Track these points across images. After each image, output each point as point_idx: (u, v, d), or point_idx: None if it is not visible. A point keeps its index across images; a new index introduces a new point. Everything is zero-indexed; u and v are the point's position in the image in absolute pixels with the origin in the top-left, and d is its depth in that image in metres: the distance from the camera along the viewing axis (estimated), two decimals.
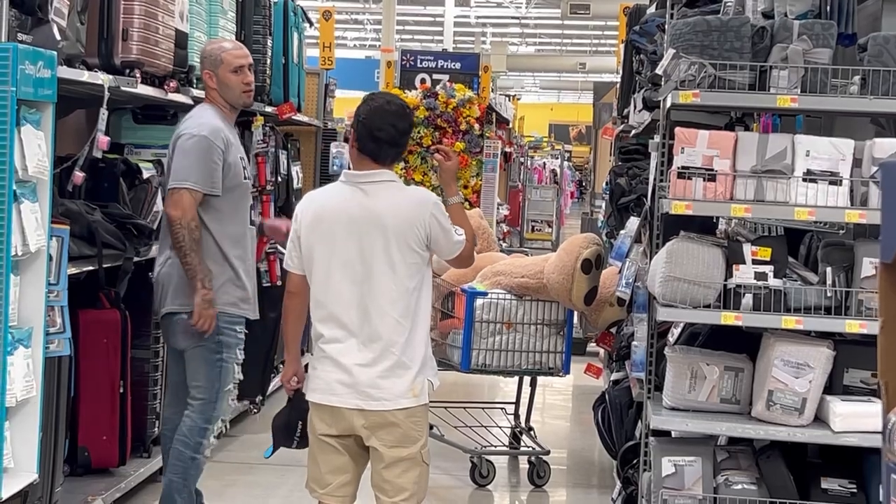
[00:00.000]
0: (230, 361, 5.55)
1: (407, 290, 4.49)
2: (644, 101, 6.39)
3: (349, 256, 4.52)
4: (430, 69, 12.32)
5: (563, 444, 8.57)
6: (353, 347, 4.52)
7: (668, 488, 4.84)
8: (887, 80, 4.72)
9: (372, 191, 4.57)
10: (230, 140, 5.50)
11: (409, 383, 4.49)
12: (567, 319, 7.06)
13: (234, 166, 5.49)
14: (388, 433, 4.49)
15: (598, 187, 16.38)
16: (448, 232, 4.55)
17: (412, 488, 4.51)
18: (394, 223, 4.49)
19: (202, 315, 5.38)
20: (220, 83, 5.55)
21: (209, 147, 5.40)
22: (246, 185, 5.65)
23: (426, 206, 4.52)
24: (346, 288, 4.54)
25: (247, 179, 5.65)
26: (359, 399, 4.50)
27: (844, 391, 4.86)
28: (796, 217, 4.77)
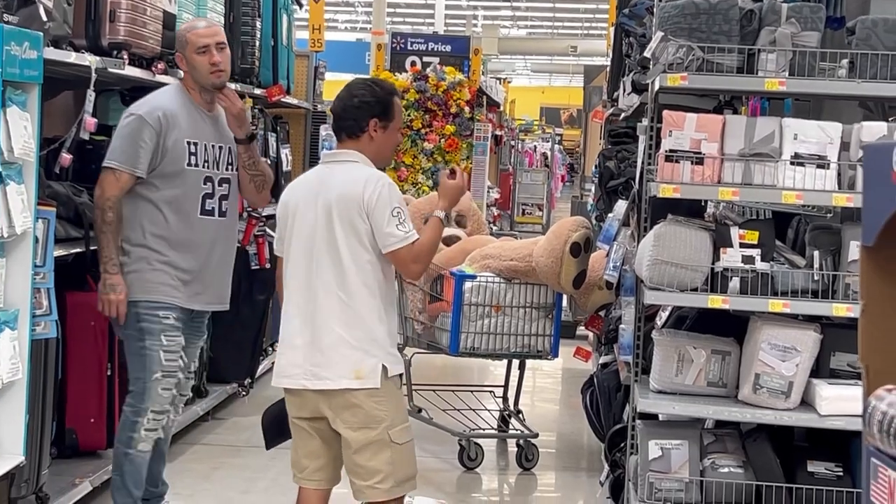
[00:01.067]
0: (154, 349, 5.25)
1: (354, 268, 4.44)
2: (633, 85, 6.38)
3: (304, 234, 4.53)
4: (420, 52, 12.29)
5: (552, 427, 8.58)
6: (300, 326, 4.50)
7: (654, 471, 4.85)
8: (875, 63, 4.72)
9: (333, 169, 4.59)
10: (176, 122, 5.24)
11: (354, 364, 4.43)
12: (556, 302, 7.05)
13: (172, 150, 5.21)
14: (351, 415, 4.45)
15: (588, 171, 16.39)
16: (384, 219, 4.42)
17: (386, 469, 4.45)
18: (338, 199, 4.47)
19: (102, 301, 5.18)
20: (188, 65, 5.36)
21: (140, 127, 5.19)
22: (192, 171, 5.29)
23: (370, 183, 4.45)
24: (300, 265, 4.53)
25: (197, 167, 5.30)
26: (304, 378, 4.49)
27: (831, 374, 4.87)
28: (784, 200, 4.77)
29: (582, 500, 7.01)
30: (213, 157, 5.36)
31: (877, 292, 1.91)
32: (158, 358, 5.24)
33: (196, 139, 5.27)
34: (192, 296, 5.35)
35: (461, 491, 6.97)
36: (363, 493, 4.52)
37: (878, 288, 1.91)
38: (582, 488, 7.13)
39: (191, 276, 5.31)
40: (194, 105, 5.35)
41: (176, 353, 5.30)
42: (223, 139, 5.42)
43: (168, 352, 5.27)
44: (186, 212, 5.27)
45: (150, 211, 5.25)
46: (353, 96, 4.61)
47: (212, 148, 5.35)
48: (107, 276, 5.15)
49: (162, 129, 5.17)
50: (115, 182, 5.16)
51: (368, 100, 4.59)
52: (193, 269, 5.32)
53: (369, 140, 4.58)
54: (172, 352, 5.28)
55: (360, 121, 4.57)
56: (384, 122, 4.59)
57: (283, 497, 6.54)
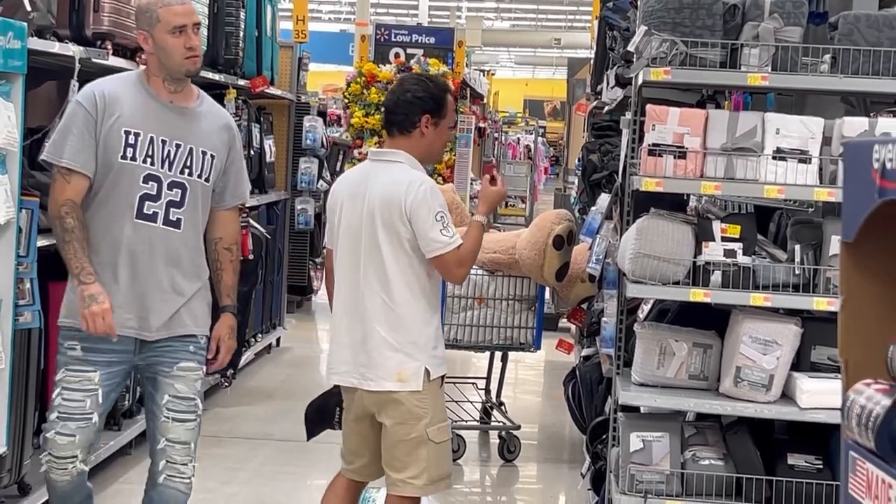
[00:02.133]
0: (58, 384, 4.39)
1: (397, 270, 4.48)
2: (617, 78, 6.39)
3: (350, 233, 4.58)
4: (404, 44, 12.27)
5: (535, 419, 8.60)
6: (348, 325, 4.57)
7: (635, 463, 4.87)
8: (857, 58, 4.74)
9: (379, 169, 4.61)
10: (116, 106, 4.37)
11: (396, 366, 4.48)
12: (538, 295, 7.08)
13: (105, 138, 4.36)
14: (394, 409, 4.51)
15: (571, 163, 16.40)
16: (428, 224, 4.44)
17: (421, 465, 4.50)
18: (381, 202, 4.50)
19: (86, 317, 4.29)
20: (156, 46, 4.44)
21: (75, 111, 4.39)
22: (128, 167, 4.38)
23: (412, 187, 4.47)
24: (347, 263, 4.59)
25: (134, 161, 4.38)
26: (352, 377, 4.56)
27: (812, 368, 4.89)
28: (766, 195, 4.79)
29: (563, 492, 7.04)
30: (162, 154, 4.41)
31: (856, 287, 1.93)
32: (53, 398, 4.37)
33: (138, 129, 4.38)
34: (121, 319, 4.37)
35: None
36: (396, 486, 4.56)
37: (858, 283, 1.93)
38: (563, 480, 7.16)
39: (115, 294, 4.36)
40: (149, 93, 4.46)
41: (80, 391, 4.35)
42: (188, 138, 4.47)
43: (68, 390, 4.35)
44: (116, 215, 4.38)
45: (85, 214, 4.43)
46: (405, 91, 4.63)
47: (162, 144, 4.41)
48: (83, 288, 4.29)
49: (97, 112, 4.35)
50: (62, 183, 4.35)
51: (421, 95, 4.61)
52: (119, 286, 4.39)
53: (420, 136, 4.59)
54: (74, 390, 4.35)
55: (411, 116, 4.59)
56: (436, 118, 4.62)
57: (264, 487, 6.56)
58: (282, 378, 9.43)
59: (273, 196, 9.95)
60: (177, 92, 4.50)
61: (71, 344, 4.37)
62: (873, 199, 1.78)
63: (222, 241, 4.65)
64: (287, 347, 10.67)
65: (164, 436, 4.45)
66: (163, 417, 4.45)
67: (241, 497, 6.39)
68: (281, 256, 10.52)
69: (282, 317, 10.74)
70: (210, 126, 4.54)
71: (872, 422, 1.77)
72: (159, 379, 4.47)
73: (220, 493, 6.40)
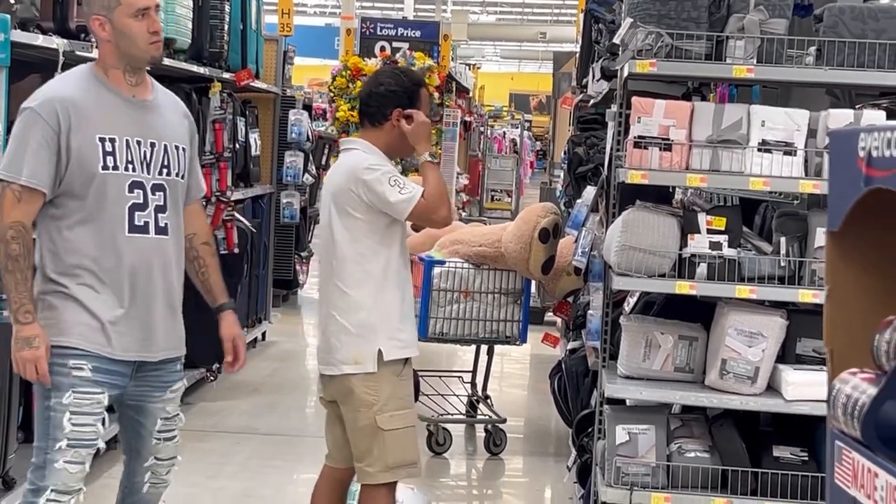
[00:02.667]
0: (59, 410, 3.92)
1: (351, 255, 4.52)
2: (602, 71, 6.39)
3: (321, 225, 4.73)
4: (390, 37, 12.24)
5: (521, 412, 8.61)
6: (319, 315, 4.69)
7: (621, 456, 4.87)
8: (842, 50, 4.75)
9: (339, 158, 4.78)
10: (82, 114, 3.94)
11: (352, 350, 4.51)
12: (524, 288, 7.07)
13: (79, 152, 3.92)
14: (348, 398, 4.56)
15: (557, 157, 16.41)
16: (385, 192, 4.47)
17: (374, 453, 4.53)
18: (332, 189, 4.60)
19: (16, 360, 3.90)
20: (116, 33, 4.00)
21: (32, 123, 3.91)
22: (112, 177, 3.96)
23: (354, 171, 4.53)
24: (321, 255, 4.71)
25: (117, 170, 3.97)
26: (321, 364, 4.66)
27: (797, 360, 4.90)
28: (751, 187, 4.79)
29: (549, 485, 7.04)
30: (139, 156, 4.02)
31: (842, 277, 1.93)
32: (61, 422, 3.92)
33: (112, 134, 3.97)
34: (125, 341, 4.01)
35: (429, 476, 6.98)
36: (359, 475, 4.63)
37: (843, 273, 1.93)
38: (549, 473, 7.16)
39: (119, 316, 3.99)
40: (109, 90, 4.03)
41: (91, 415, 3.95)
42: (160, 134, 4.09)
43: (78, 414, 3.93)
44: (108, 231, 3.97)
45: (57, 234, 3.99)
46: (379, 84, 4.67)
47: (137, 145, 4.01)
48: (19, 329, 3.88)
49: (59, 124, 3.90)
50: (11, 200, 3.88)
51: (394, 89, 4.62)
52: (123, 306, 4.01)
53: (391, 129, 4.61)
54: (84, 414, 3.94)
55: (383, 109, 4.61)
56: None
57: (250, 481, 6.55)
58: (267, 372, 9.42)
59: (258, 190, 9.93)
60: (137, 84, 4.08)
61: (78, 363, 3.93)
62: (859, 188, 1.78)
63: (198, 237, 4.32)
64: (273, 341, 10.66)
65: (155, 455, 4.20)
66: (153, 441, 4.17)
67: (227, 491, 6.38)
68: (266, 250, 10.50)
69: (267, 311, 10.72)
70: (173, 117, 4.19)
71: (858, 411, 1.77)
72: (148, 405, 4.13)
73: (205, 488, 6.38)
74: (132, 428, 4.22)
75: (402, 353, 4.56)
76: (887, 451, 1.71)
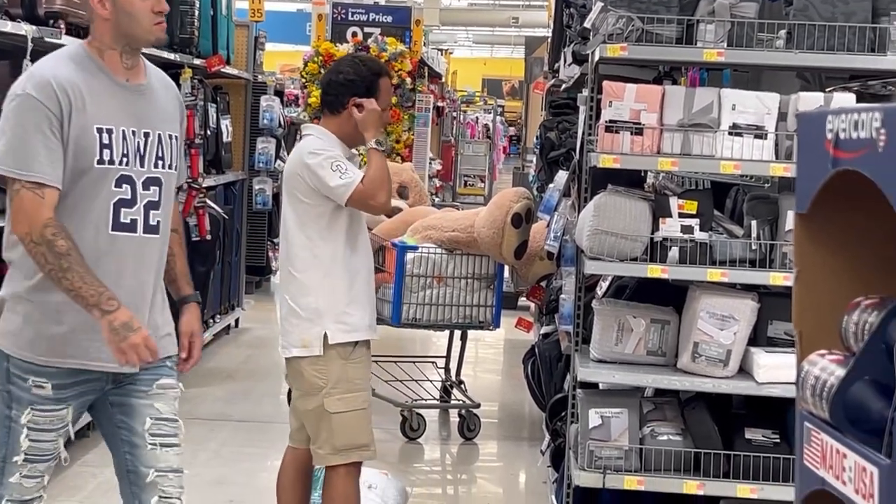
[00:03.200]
0: (18, 425, 3.63)
1: (300, 240, 4.59)
2: (574, 55, 6.39)
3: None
4: (361, 23, 12.20)
5: (495, 397, 8.62)
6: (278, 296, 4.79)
7: (594, 439, 4.88)
8: (812, 34, 4.76)
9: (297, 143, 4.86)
10: (81, 99, 3.56)
11: (301, 333, 4.60)
12: (497, 273, 7.08)
13: (77, 142, 3.55)
14: (299, 381, 4.68)
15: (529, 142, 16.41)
16: (322, 178, 4.52)
17: (323, 435, 4.61)
18: (286, 174, 4.70)
19: (124, 349, 3.52)
20: (118, 11, 3.61)
21: (28, 111, 3.52)
22: (103, 171, 3.59)
23: (299, 156, 4.61)
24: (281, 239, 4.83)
25: (112, 164, 3.60)
26: (280, 346, 4.77)
27: (768, 343, 4.92)
28: (722, 170, 4.81)
29: (524, 470, 7.06)
30: (133, 148, 3.65)
31: (810, 259, 1.94)
32: (18, 438, 3.64)
33: (110, 124, 3.60)
34: (97, 349, 3.61)
35: (403, 461, 6.99)
36: (313, 456, 4.71)
37: (812, 254, 1.93)
38: (523, 457, 7.18)
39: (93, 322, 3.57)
40: (105, 73, 3.65)
41: (49, 431, 3.66)
42: (154, 123, 3.72)
43: (37, 430, 3.64)
44: (85, 228, 3.60)
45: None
46: (339, 72, 4.72)
47: (132, 135, 3.64)
48: (111, 318, 3.50)
49: (61, 108, 3.53)
50: (37, 202, 3.52)
51: (352, 78, 4.67)
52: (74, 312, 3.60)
53: (348, 117, 4.63)
54: (43, 430, 3.65)
55: (340, 97, 4.65)
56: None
57: (224, 468, 6.54)
58: (241, 359, 9.40)
59: (230, 176, 9.90)
60: (132, 67, 3.70)
61: (38, 381, 3.61)
62: (827, 170, 1.79)
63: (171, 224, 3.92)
64: (246, 328, 10.64)
65: (154, 466, 3.71)
66: (148, 446, 3.71)
67: (200, 478, 6.36)
68: (239, 237, 10.47)
69: (240, 297, 10.70)
70: (166, 102, 3.82)
71: (827, 392, 1.77)
72: (134, 402, 3.73)
73: None
74: (121, 439, 3.77)
75: (349, 336, 4.60)
76: (855, 432, 1.72)
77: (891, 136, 1.60)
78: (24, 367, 3.62)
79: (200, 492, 6.12)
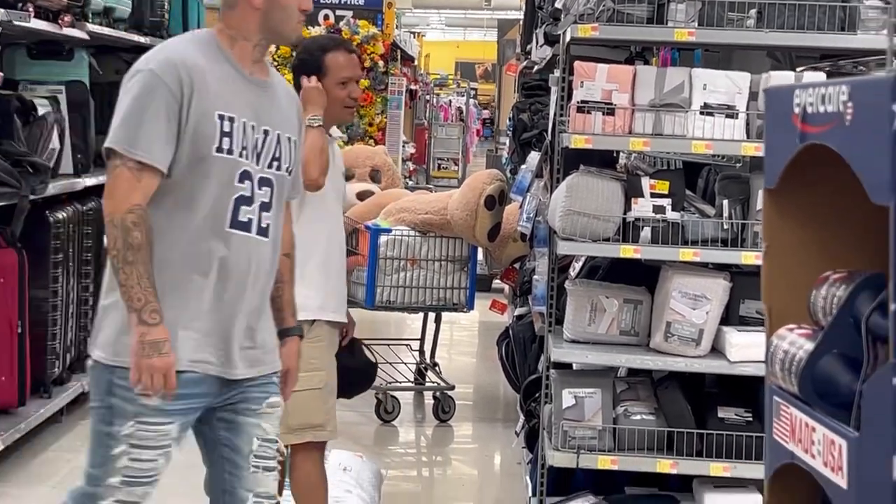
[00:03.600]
0: (119, 441, 3.33)
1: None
2: (545, 36, 6.39)
3: None
4: (333, 5, 12.17)
5: (469, 379, 8.63)
6: None
7: (568, 420, 4.89)
8: (783, 13, 4.76)
9: None
10: (204, 83, 3.36)
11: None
12: (471, 255, 7.08)
13: (196, 126, 3.33)
14: None
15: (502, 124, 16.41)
16: None
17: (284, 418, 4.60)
18: None
19: (140, 366, 3.23)
20: (272, 3, 3.45)
21: (152, 87, 3.32)
22: (223, 161, 3.37)
23: None
24: None
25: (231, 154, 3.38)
26: None
27: (740, 322, 4.93)
28: (694, 150, 4.81)
29: (498, 451, 7.07)
30: (252, 143, 3.44)
31: (779, 234, 1.94)
32: (118, 456, 3.35)
33: (232, 112, 3.40)
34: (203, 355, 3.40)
35: (378, 444, 6.99)
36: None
37: (780, 230, 1.94)
38: (498, 439, 7.19)
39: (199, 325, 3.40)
40: (231, 63, 3.46)
41: (151, 449, 3.35)
42: (274, 122, 3.51)
43: (138, 446, 3.34)
44: (204, 222, 3.39)
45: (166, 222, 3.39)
46: (297, 56, 4.74)
47: (251, 130, 3.44)
48: (145, 331, 3.23)
49: (182, 90, 3.33)
50: (131, 180, 3.30)
51: (303, 58, 4.67)
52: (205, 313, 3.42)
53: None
54: (145, 447, 3.34)
55: (297, 79, 4.63)
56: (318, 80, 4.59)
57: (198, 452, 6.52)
58: None
59: None
60: (258, 62, 3.52)
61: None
62: (794, 145, 1.79)
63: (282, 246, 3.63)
64: None
65: (253, 490, 3.51)
66: (251, 468, 3.50)
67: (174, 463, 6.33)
68: None
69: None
70: (287, 103, 3.62)
71: (795, 366, 1.78)
72: (242, 420, 3.50)
73: None
74: (223, 456, 3.53)
75: (299, 315, 4.53)
76: (824, 405, 1.73)
77: (857, 109, 1.60)
78: (126, 375, 3.28)
79: (175, 475, 6.10)
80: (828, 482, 1.69)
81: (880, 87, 1.56)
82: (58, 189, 6.50)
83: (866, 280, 1.73)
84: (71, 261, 6.77)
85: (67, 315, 6.74)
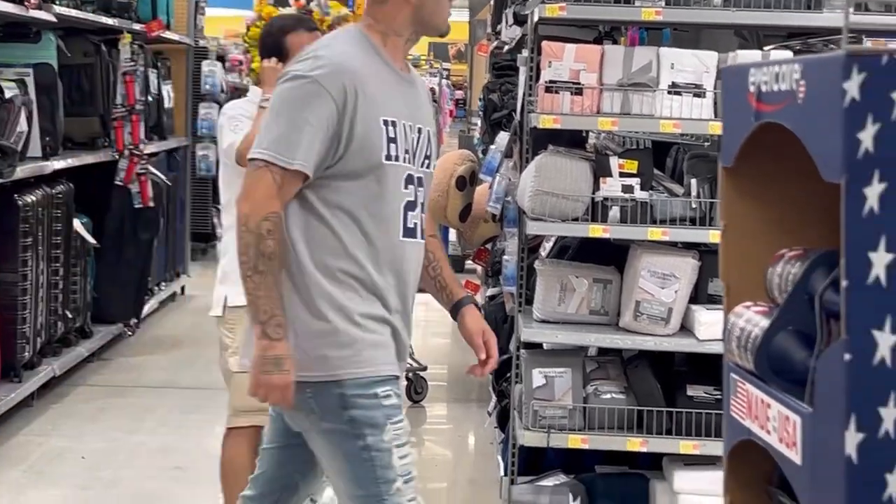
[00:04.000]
0: (384, 449, 3.22)
1: (224, 202, 4.63)
2: (515, 16, 6.38)
3: None
4: None
5: (442, 360, 8.63)
6: None
7: (539, 399, 4.91)
8: None
9: None
10: (367, 91, 3.21)
11: (214, 294, 4.71)
12: (442, 236, 7.07)
13: (364, 137, 3.20)
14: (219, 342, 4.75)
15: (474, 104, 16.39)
16: (220, 140, 4.68)
17: (229, 395, 4.70)
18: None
19: (259, 381, 3.17)
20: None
21: (314, 97, 3.18)
22: (392, 169, 3.25)
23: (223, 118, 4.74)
24: None
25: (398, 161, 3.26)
26: None
27: (709, 300, 4.95)
28: (662, 129, 4.83)
29: (472, 431, 7.09)
30: (411, 144, 3.33)
31: (736, 212, 1.95)
32: (390, 462, 3.24)
33: (393, 116, 3.27)
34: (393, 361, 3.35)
35: None
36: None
37: (738, 208, 1.95)
38: (472, 419, 7.21)
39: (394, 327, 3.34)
40: (384, 61, 3.32)
41: (407, 444, 3.31)
42: (421, 119, 3.39)
43: (401, 447, 3.27)
44: (388, 232, 3.29)
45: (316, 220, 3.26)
46: (259, 37, 4.83)
47: (409, 130, 3.32)
48: (267, 345, 3.16)
49: (345, 100, 3.18)
50: (272, 187, 3.16)
51: (264, 40, 4.69)
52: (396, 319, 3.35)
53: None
54: (405, 445, 3.29)
55: (262, 63, 4.67)
56: (280, 62, 4.56)
57: (170, 436, 6.52)
58: (186, 326, 9.36)
59: (173, 142, 9.83)
60: (404, 57, 3.42)
61: (386, 391, 3.25)
62: (750, 123, 1.80)
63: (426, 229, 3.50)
64: (192, 295, 10.57)
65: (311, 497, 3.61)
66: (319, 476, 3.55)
67: (146, 446, 6.35)
68: (183, 204, 10.40)
69: (186, 265, 10.64)
70: (426, 96, 3.53)
71: (751, 343, 1.79)
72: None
73: (124, 443, 6.34)
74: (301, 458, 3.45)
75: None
76: (779, 381, 1.74)
77: (810, 87, 1.61)
78: (365, 382, 3.23)
79: (147, 458, 6.12)
80: (783, 458, 1.70)
81: (832, 66, 1.56)
82: (26, 172, 6.47)
83: (820, 257, 1.74)
84: (40, 244, 6.74)
85: (37, 299, 6.72)
